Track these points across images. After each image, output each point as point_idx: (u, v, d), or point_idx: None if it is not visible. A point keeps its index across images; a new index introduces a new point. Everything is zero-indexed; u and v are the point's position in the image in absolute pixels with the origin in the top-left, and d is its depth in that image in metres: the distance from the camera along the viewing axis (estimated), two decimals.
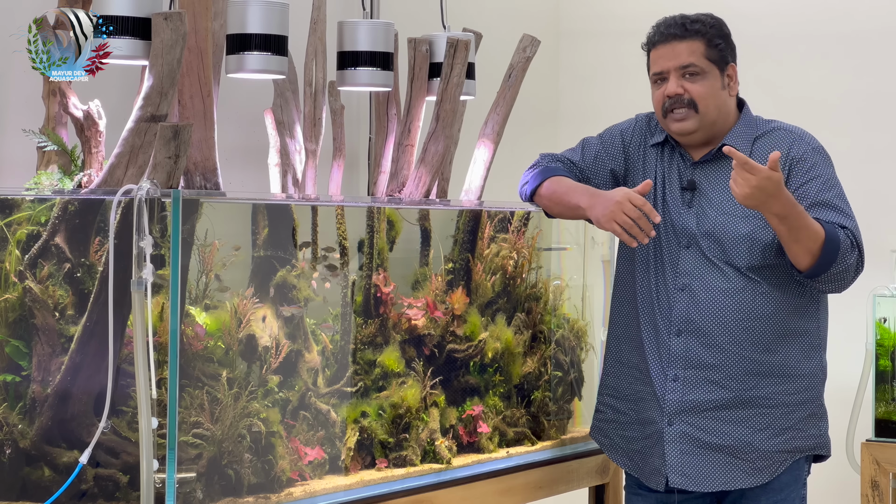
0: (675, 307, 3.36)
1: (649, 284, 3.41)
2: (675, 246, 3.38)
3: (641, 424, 3.44)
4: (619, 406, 3.51)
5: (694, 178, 3.39)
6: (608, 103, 5.44)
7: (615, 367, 3.53)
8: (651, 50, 3.41)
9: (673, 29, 3.37)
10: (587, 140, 3.57)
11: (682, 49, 3.35)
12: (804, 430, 3.38)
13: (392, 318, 3.39)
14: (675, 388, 3.35)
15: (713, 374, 3.33)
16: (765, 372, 3.34)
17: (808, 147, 3.37)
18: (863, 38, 5.08)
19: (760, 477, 3.35)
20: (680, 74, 3.34)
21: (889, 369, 4.45)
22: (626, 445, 3.50)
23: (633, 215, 3.20)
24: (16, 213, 2.93)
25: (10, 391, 2.88)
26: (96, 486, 2.83)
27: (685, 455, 3.35)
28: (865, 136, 4.98)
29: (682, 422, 3.35)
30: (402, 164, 3.70)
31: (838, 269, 3.22)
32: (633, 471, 3.48)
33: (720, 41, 3.37)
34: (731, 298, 3.32)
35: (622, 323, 3.51)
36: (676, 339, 3.36)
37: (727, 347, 3.32)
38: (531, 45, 3.79)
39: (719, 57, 3.36)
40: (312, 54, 3.53)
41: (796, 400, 3.37)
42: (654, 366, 3.38)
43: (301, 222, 3.22)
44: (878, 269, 4.58)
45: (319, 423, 3.17)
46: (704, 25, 3.37)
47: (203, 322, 2.93)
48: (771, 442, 3.35)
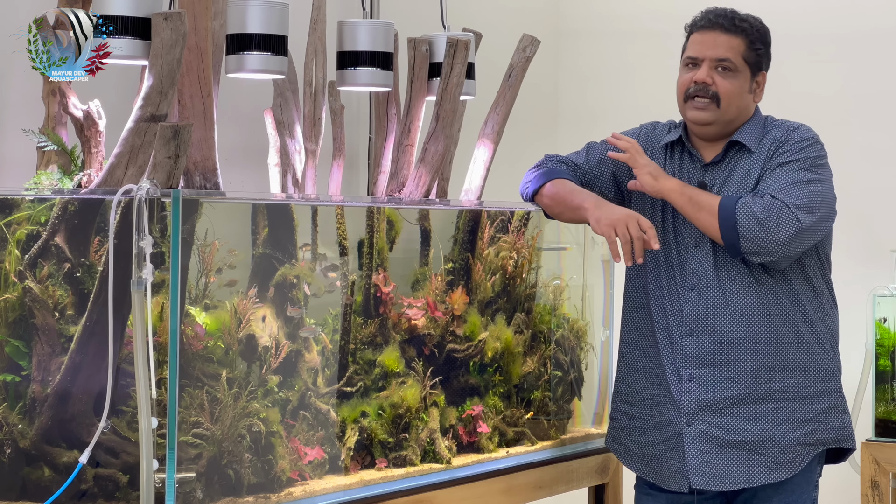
0: (686, 307, 3.36)
1: (660, 287, 3.41)
2: (684, 247, 3.39)
3: (658, 428, 3.43)
4: (634, 412, 3.50)
5: (704, 179, 3.40)
6: (608, 103, 5.45)
7: (628, 374, 3.52)
8: (693, 32, 3.42)
9: (721, 19, 3.38)
10: (591, 144, 3.58)
11: (722, 41, 3.36)
12: (825, 422, 3.38)
13: (392, 317, 3.39)
14: (690, 389, 3.36)
15: (727, 370, 3.34)
16: (779, 365, 3.34)
17: (799, 136, 3.37)
18: (863, 38, 5.08)
19: (783, 472, 3.34)
20: (713, 66, 3.35)
21: (889, 369, 4.45)
22: (641, 451, 3.49)
23: (634, 234, 3.21)
24: (16, 212, 2.93)
25: (10, 391, 2.88)
26: (96, 486, 2.83)
27: (706, 455, 3.35)
28: (865, 137, 4.98)
29: (700, 421, 3.35)
30: (402, 164, 3.70)
31: (749, 233, 3.23)
32: (650, 476, 3.47)
33: (761, 46, 3.39)
34: (741, 294, 3.33)
35: (634, 328, 3.51)
36: (689, 339, 3.36)
37: (740, 343, 3.33)
38: (531, 45, 3.79)
39: (755, 61, 3.38)
40: (312, 54, 3.53)
41: (813, 392, 3.37)
42: (669, 367, 3.39)
43: (301, 222, 3.22)
44: (878, 269, 4.59)
45: (319, 423, 3.17)
46: (751, 27, 3.39)
47: (203, 322, 2.93)
48: (792, 435, 3.34)
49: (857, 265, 3.62)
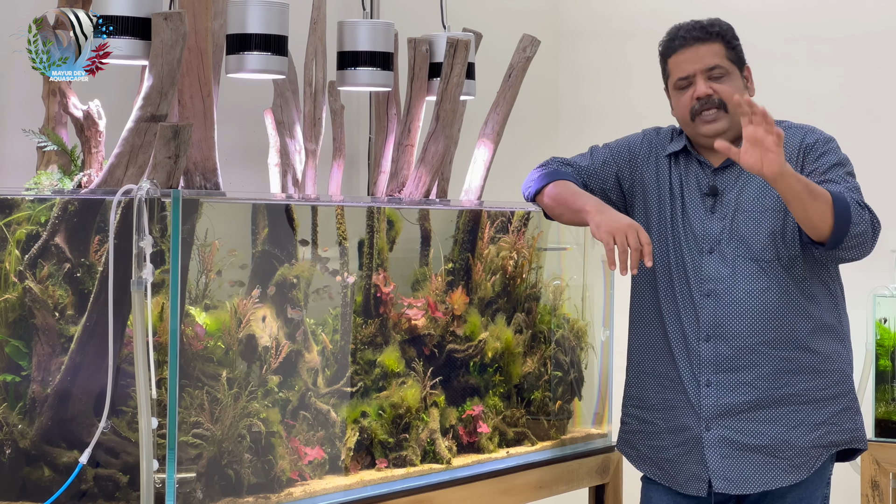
0: (703, 313, 3.36)
1: (673, 293, 3.41)
2: (698, 253, 3.38)
3: (673, 433, 3.43)
4: (645, 416, 3.50)
5: (715, 184, 3.39)
6: (608, 103, 5.44)
7: (638, 378, 3.52)
8: (670, 57, 3.40)
9: (694, 32, 3.37)
10: (595, 147, 3.59)
11: (704, 52, 3.35)
12: (839, 424, 3.38)
13: (392, 318, 3.39)
14: (709, 394, 3.36)
15: (745, 375, 3.34)
16: (794, 369, 3.35)
17: (820, 136, 3.40)
18: (863, 38, 5.08)
19: (798, 474, 3.35)
20: (706, 77, 3.35)
21: (889, 369, 4.45)
22: (655, 455, 3.48)
23: (632, 245, 3.18)
24: (16, 212, 2.93)
25: (10, 391, 2.88)
26: (96, 486, 2.83)
27: (726, 459, 3.35)
28: (865, 137, 4.97)
29: (720, 426, 3.35)
30: (402, 164, 3.70)
31: (857, 230, 3.20)
32: (665, 480, 3.46)
33: (736, 43, 3.40)
34: (757, 299, 3.33)
35: (642, 333, 3.50)
36: (706, 345, 3.36)
37: (757, 348, 3.33)
38: (531, 45, 3.79)
39: (738, 58, 3.39)
40: (312, 54, 3.53)
41: (828, 395, 3.37)
42: (686, 373, 3.38)
43: (301, 222, 3.22)
44: (878, 269, 4.58)
45: (319, 423, 3.17)
46: (722, 28, 3.39)
47: (203, 322, 2.93)
48: (807, 438, 3.35)
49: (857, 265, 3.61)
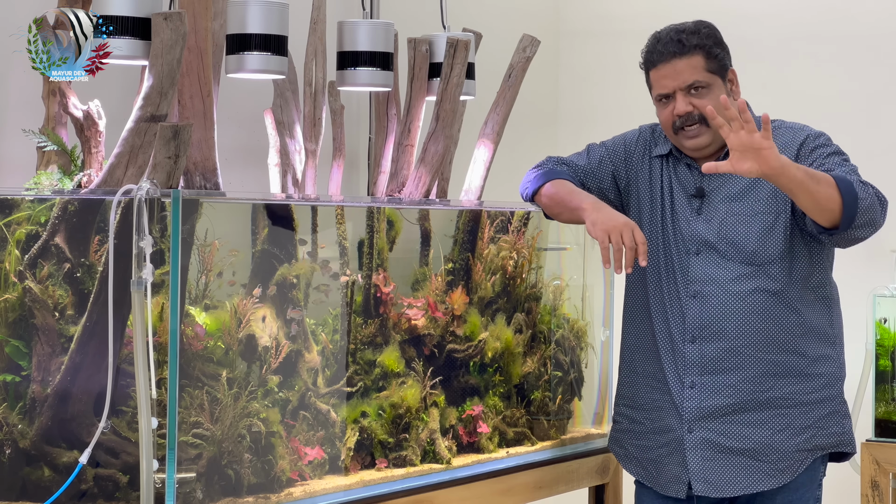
0: (689, 314, 3.36)
1: (661, 293, 3.40)
2: (685, 254, 3.37)
3: (658, 433, 3.43)
4: (634, 416, 3.50)
5: (702, 186, 3.39)
6: (608, 103, 5.45)
7: (630, 377, 3.52)
8: (650, 70, 3.36)
9: (670, 46, 3.30)
10: (592, 145, 3.58)
11: (682, 67, 3.30)
12: (825, 427, 3.37)
13: (392, 318, 3.39)
14: (692, 396, 3.35)
15: (730, 378, 3.33)
16: (781, 373, 3.34)
17: (811, 132, 3.38)
18: (863, 39, 5.08)
19: (782, 478, 3.34)
20: (686, 93, 3.30)
21: (889, 369, 4.45)
22: (640, 455, 3.49)
23: (627, 243, 3.17)
24: (16, 212, 2.93)
25: (10, 391, 2.88)
26: (96, 486, 2.83)
27: (707, 461, 3.34)
28: (865, 137, 4.97)
29: (702, 428, 3.35)
30: (401, 164, 3.70)
31: (865, 204, 3.16)
32: (648, 480, 3.47)
33: (718, 50, 3.32)
34: (743, 301, 3.32)
35: (635, 332, 3.50)
36: (691, 346, 3.35)
37: (742, 350, 3.32)
38: (531, 45, 3.79)
39: (719, 67, 3.33)
40: (312, 54, 3.53)
41: (814, 399, 3.36)
42: (671, 374, 3.38)
43: (301, 222, 3.22)
44: (878, 269, 4.59)
45: (319, 423, 3.17)
46: (700, 37, 3.31)
47: (203, 322, 2.93)
48: (791, 442, 3.34)
49: (857, 265, 3.62)
